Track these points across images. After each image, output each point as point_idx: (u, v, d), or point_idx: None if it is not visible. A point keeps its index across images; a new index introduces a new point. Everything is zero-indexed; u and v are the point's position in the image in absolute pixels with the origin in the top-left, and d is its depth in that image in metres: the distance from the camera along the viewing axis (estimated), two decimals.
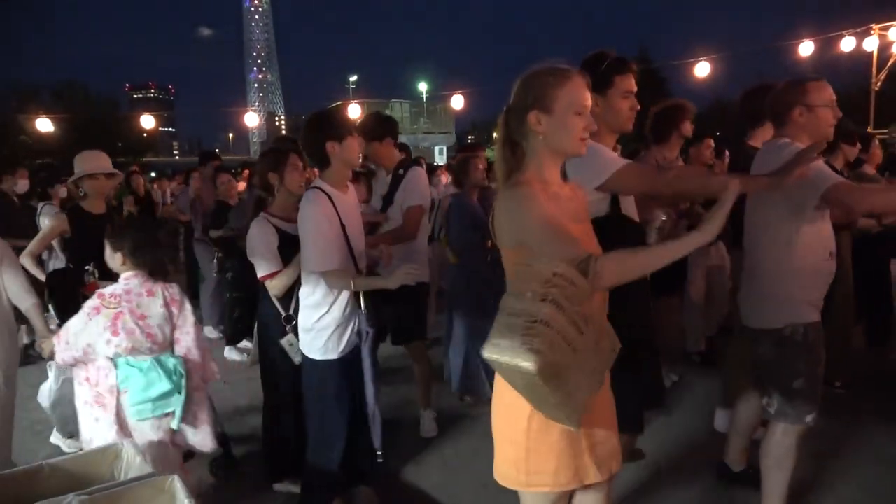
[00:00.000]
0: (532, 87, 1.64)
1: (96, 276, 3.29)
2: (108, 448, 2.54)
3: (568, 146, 1.64)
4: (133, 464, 2.41)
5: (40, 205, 6.27)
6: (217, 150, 7.78)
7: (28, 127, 22.20)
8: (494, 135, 1.71)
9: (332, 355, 2.70)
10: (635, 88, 2.30)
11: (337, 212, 2.61)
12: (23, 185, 6.09)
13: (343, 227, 2.63)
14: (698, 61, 12.50)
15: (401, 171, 3.60)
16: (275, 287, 2.89)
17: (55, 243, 5.96)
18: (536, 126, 1.62)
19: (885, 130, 14.64)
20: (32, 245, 3.77)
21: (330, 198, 2.61)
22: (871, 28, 13.21)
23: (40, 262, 3.70)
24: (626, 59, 2.32)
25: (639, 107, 2.34)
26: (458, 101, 15.16)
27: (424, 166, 5.72)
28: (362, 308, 2.66)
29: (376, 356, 2.80)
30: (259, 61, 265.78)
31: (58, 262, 6.06)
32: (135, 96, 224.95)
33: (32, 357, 5.57)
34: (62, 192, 6.85)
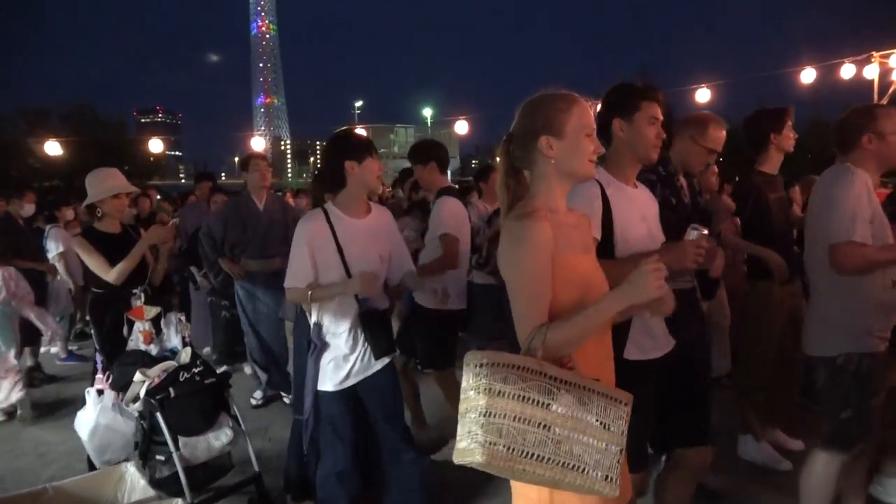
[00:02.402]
0: (540, 112, 1.61)
1: (143, 299, 3.29)
2: (112, 470, 2.55)
3: (579, 169, 1.62)
4: (137, 486, 2.42)
5: (47, 227, 6.32)
6: (223, 174, 7.69)
7: (36, 150, 22.40)
8: (498, 160, 1.70)
9: (328, 386, 2.63)
10: (661, 117, 2.21)
11: (334, 233, 2.55)
12: (29, 208, 6.13)
13: (340, 248, 2.56)
14: (699, 88, 12.63)
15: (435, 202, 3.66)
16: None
17: (60, 266, 6.04)
18: (547, 150, 1.59)
19: None
20: (104, 270, 3.35)
21: (328, 218, 2.57)
22: (871, 55, 13.31)
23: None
24: (654, 87, 2.28)
25: (664, 135, 2.23)
26: (461, 126, 15.30)
27: (473, 195, 5.68)
28: (315, 320, 2.60)
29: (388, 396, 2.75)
30: (265, 86, 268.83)
31: (62, 284, 6.12)
32: (142, 120, 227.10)
33: (37, 380, 5.60)
34: (69, 214, 6.91)
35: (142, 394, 2.94)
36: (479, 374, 1.39)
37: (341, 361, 2.61)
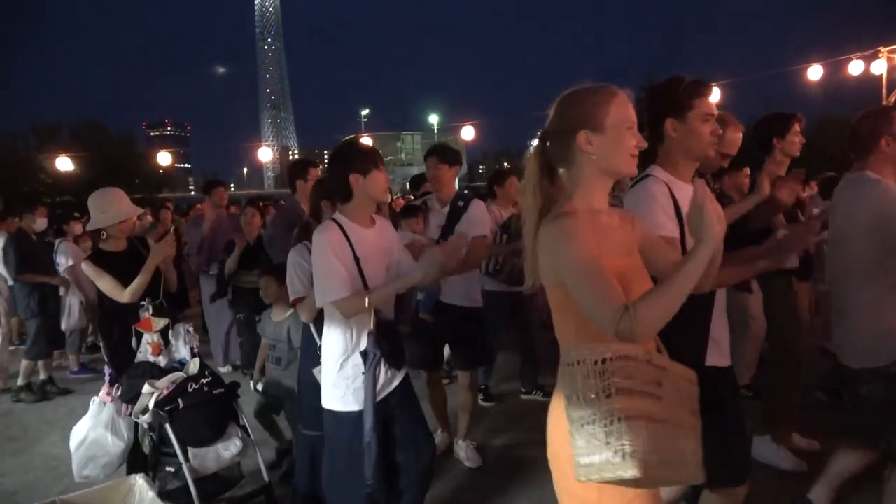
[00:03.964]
0: (578, 107, 1.53)
1: (150, 312, 3.29)
2: (120, 483, 2.54)
3: (620, 165, 1.53)
4: (145, 498, 2.41)
5: (57, 241, 6.37)
6: (232, 185, 7.37)
7: (47, 165, 22.64)
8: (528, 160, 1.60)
9: (355, 406, 2.49)
10: (716, 112, 2.12)
11: (350, 244, 2.48)
12: (41, 223, 6.19)
13: (357, 260, 2.47)
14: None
15: (460, 203, 3.65)
16: (302, 311, 2.87)
17: (71, 279, 6.07)
18: (586, 146, 1.51)
19: None
20: (116, 292, 3.31)
21: (342, 229, 2.49)
22: (878, 51, 13.22)
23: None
24: (704, 81, 2.15)
25: (720, 131, 2.15)
26: (468, 132, 15.31)
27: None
28: (372, 327, 2.46)
29: (406, 408, 2.64)
30: (273, 97, 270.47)
31: (74, 297, 6.16)
32: (152, 134, 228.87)
33: (50, 393, 5.63)
34: (77, 228, 6.96)
35: (150, 405, 2.94)
36: (606, 372, 1.24)
37: (359, 376, 2.50)
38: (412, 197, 6.57)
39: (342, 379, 2.51)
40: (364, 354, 2.46)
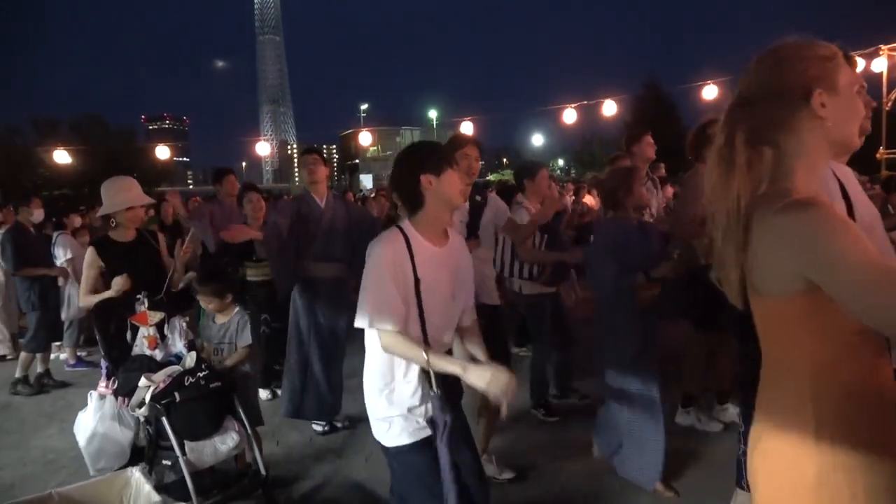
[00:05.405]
0: (806, 62, 1.22)
1: (146, 305, 3.29)
2: (117, 476, 2.55)
3: (852, 137, 1.24)
4: (142, 491, 2.41)
5: (55, 234, 6.36)
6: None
7: (47, 159, 22.66)
8: (717, 140, 1.26)
9: (404, 440, 2.12)
10: (864, 83, 2.03)
11: (413, 261, 2.06)
12: (38, 214, 6.18)
13: (417, 282, 2.05)
14: (706, 84, 12.53)
15: (478, 198, 3.66)
16: None
17: (72, 272, 6.08)
18: (821, 110, 1.20)
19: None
20: (83, 289, 3.50)
21: (408, 241, 2.08)
22: (879, 49, 13.19)
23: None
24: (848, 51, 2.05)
25: (874, 103, 1.86)
26: (467, 128, 15.29)
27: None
28: (435, 389, 2.03)
29: (463, 445, 2.21)
30: (272, 91, 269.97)
31: (73, 289, 6.15)
32: (150, 128, 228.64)
33: (47, 386, 5.63)
34: (76, 221, 6.96)
35: (147, 399, 2.94)
36: None
37: (406, 412, 2.12)
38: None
39: (387, 411, 2.14)
40: (431, 423, 2.07)
